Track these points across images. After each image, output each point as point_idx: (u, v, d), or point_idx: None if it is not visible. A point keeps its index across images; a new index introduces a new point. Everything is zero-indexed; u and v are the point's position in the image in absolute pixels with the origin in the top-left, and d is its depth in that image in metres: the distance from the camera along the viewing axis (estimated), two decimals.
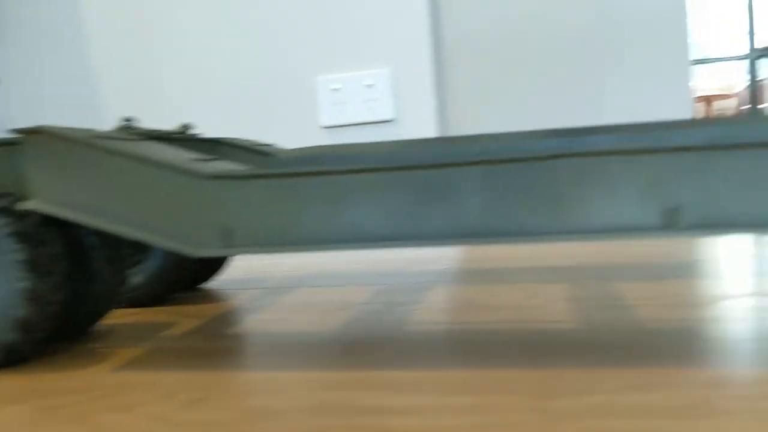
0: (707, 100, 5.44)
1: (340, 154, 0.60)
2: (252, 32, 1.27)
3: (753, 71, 2.67)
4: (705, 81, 6.11)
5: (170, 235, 0.45)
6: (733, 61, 2.90)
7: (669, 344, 0.45)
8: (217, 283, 0.84)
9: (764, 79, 4.84)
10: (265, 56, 1.27)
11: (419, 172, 0.42)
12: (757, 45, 2.64)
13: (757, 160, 0.39)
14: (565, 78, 2.17)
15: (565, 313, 0.54)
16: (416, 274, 0.79)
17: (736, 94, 5.13)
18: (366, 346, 0.48)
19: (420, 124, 1.23)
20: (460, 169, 0.42)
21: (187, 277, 0.75)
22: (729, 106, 5.36)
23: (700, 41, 6.81)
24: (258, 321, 0.59)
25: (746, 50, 2.54)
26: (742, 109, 5.19)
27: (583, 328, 0.50)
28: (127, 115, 1.37)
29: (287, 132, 1.28)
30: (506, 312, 0.56)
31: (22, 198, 0.49)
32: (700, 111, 5.57)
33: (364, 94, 1.23)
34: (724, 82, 5.50)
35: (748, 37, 2.66)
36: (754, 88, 2.69)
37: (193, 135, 0.67)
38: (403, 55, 1.23)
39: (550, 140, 0.54)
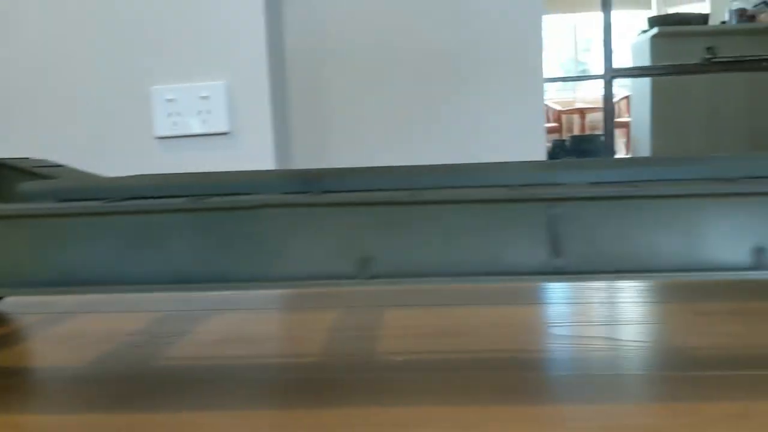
0: (581, 112, 5.73)
1: (103, 187, 0.59)
2: (85, 39, 1.23)
3: (608, 90, 2.84)
4: (583, 94, 6.42)
5: None
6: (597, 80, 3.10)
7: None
8: (5, 304, 0.81)
9: (628, 96, 5.12)
10: (99, 64, 1.23)
11: (129, 217, 0.42)
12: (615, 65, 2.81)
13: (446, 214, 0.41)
14: (413, 95, 2.22)
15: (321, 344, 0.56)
16: (210, 300, 0.79)
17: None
18: (114, 384, 0.48)
19: (256, 138, 1.23)
20: (169, 216, 0.42)
21: None
22: (600, 118, 5.68)
23: (582, 59, 7.16)
24: (15, 353, 0.57)
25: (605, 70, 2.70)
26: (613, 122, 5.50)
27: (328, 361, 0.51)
28: None
29: (120, 142, 1.24)
30: (266, 345, 0.57)
31: None
32: (575, 122, 5.86)
33: (199, 106, 1.22)
34: (597, 96, 5.82)
35: (604, 57, 2.83)
36: (609, 106, 2.86)
37: None
38: (239, 67, 1.22)
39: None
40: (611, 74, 2.92)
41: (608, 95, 2.88)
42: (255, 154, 1.23)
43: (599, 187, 0.44)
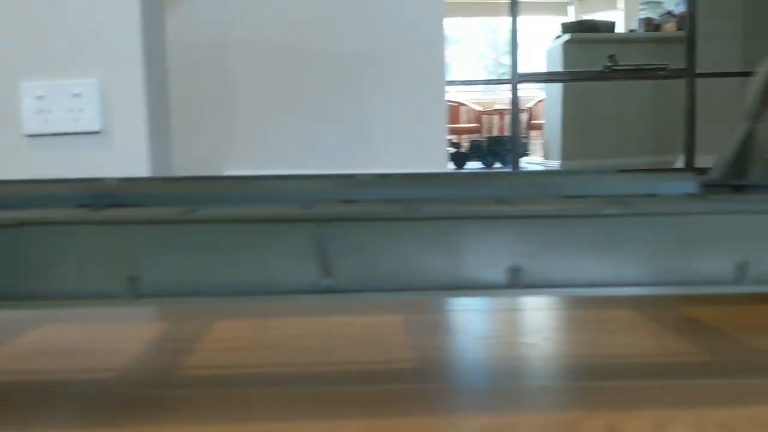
0: (501, 113, 5.85)
1: None
2: None
3: (515, 95, 2.91)
4: (503, 96, 6.54)
5: None
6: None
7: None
8: None
9: (542, 100, 5.25)
10: None
11: None
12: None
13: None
14: (311, 97, 2.23)
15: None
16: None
17: (524, 110, 5.57)
18: None
19: (129, 138, 1.20)
20: None
21: None
22: (521, 120, 5.81)
23: (505, 62, 7.29)
24: None
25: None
26: (531, 123, 5.64)
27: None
28: None
29: None
30: (71, 359, 0.56)
31: None
32: (495, 123, 5.97)
33: (71, 104, 1.18)
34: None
35: (511, 63, 2.90)
36: (516, 110, 2.93)
37: None
38: (113, 66, 1.19)
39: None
40: (518, 79, 3.00)
41: (515, 100, 2.97)
42: (128, 153, 1.20)
43: (376, 206, 0.46)
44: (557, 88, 3.93)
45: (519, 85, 3.01)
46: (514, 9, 2.90)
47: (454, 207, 0.45)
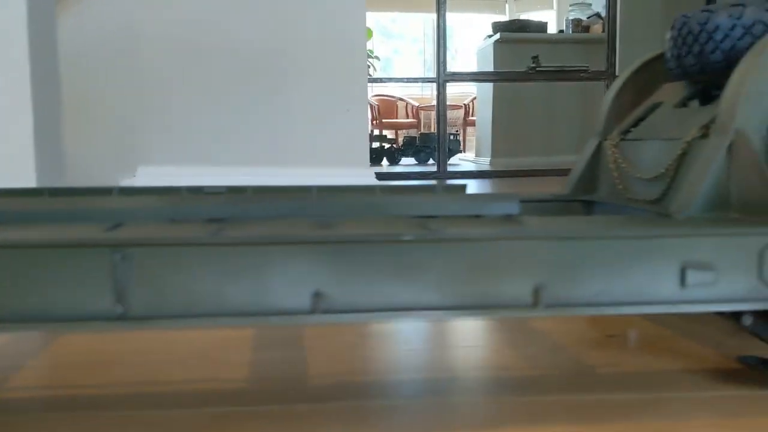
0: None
1: None
2: None
3: (441, 93, 2.94)
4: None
5: None
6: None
7: None
8: None
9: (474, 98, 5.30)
10: None
11: None
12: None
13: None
14: (227, 94, 2.20)
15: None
16: None
17: (461, 106, 5.62)
18: None
19: (12, 143, 1.17)
20: None
21: None
22: (458, 116, 5.87)
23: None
24: None
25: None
26: (467, 120, 5.70)
27: None
28: None
29: None
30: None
31: None
32: (432, 119, 6.01)
33: None
34: (455, 94, 6.00)
35: (437, 61, 2.92)
36: (443, 109, 2.96)
37: None
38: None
39: None
40: (444, 78, 3.03)
41: (441, 98, 2.99)
42: (10, 157, 1.16)
43: (173, 230, 0.46)
44: (488, 86, 3.98)
45: (461, 82, 3.03)
46: (441, 6, 2.92)
47: (260, 231, 0.45)
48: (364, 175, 2.26)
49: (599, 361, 0.61)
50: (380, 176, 2.51)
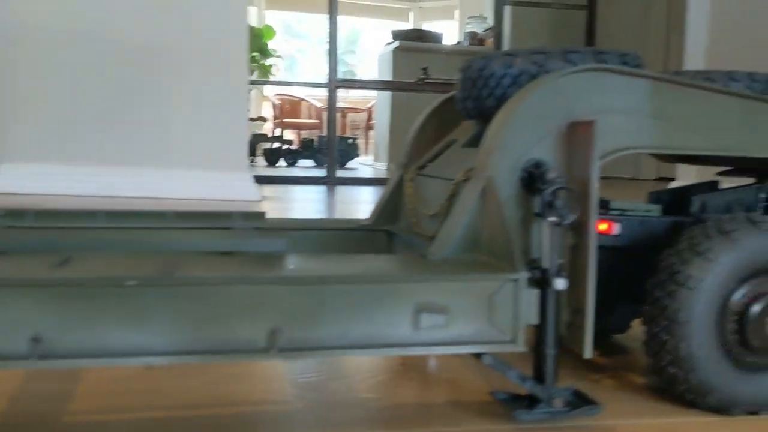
0: (343, 112, 5.90)
1: None
2: None
3: (332, 98, 2.95)
4: (345, 94, 6.61)
5: None
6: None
7: None
8: None
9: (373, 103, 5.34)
10: None
11: None
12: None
13: None
14: (104, 90, 2.13)
15: None
16: None
17: (364, 110, 5.65)
18: None
19: None
20: None
21: None
22: (361, 119, 5.90)
23: (351, 61, 7.37)
24: None
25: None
26: (370, 123, 5.73)
27: None
28: None
29: None
30: None
31: None
32: (338, 121, 6.01)
33: None
34: (359, 97, 6.02)
35: (328, 67, 2.93)
36: (332, 114, 2.97)
37: None
38: None
39: None
40: (335, 84, 3.04)
41: (332, 103, 3.01)
42: None
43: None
44: (387, 93, 4.02)
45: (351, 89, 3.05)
46: (333, 11, 2.92)
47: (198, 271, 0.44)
48: (241, 179, 2.23)
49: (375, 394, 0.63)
50: (260, 179, 2.47)
